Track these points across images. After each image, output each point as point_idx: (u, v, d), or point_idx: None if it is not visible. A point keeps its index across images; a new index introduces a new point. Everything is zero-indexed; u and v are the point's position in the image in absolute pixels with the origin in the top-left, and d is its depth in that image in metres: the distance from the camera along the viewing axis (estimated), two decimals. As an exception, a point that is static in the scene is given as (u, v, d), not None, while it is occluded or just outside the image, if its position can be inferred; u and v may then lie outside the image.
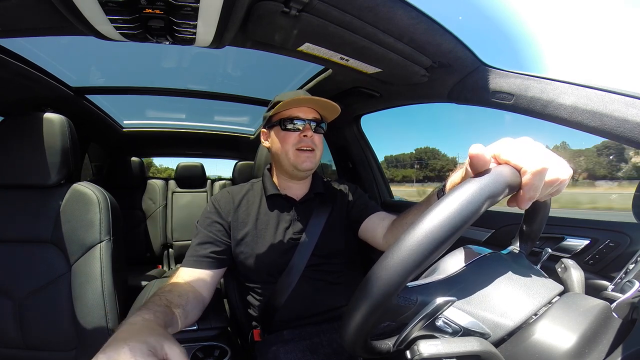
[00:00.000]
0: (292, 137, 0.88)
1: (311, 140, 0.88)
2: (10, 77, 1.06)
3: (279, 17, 0.70)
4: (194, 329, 0.77)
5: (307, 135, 0.88)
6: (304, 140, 0.88)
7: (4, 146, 0.89)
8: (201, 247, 0.85)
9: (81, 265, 0.87)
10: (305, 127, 0.88)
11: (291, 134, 0.88)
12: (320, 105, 0.89)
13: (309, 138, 0.88)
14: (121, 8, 0.63)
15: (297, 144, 0.88)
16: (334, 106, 0.88)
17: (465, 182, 0.34)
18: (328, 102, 0.87)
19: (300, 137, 0.88)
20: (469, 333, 0.37)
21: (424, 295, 0.39)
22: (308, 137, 0.88)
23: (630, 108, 0.62)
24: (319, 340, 0.85)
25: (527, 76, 0.80)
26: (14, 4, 0.65)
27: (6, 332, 0.86)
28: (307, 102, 0.88)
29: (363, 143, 1.61)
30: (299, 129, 0.88)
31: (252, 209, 0.93)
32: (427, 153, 37.57)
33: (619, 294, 0.39)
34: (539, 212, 0.47)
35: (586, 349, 0.32)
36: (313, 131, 0.89)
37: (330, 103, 0.87)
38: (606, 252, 0.71)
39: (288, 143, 0.88)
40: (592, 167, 8.29)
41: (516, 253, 0.48)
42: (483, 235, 1.00)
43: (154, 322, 0.51)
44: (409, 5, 0.69)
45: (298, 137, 0.88)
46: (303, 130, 0.88)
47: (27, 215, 0.90)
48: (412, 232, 0.33)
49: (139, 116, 2.27)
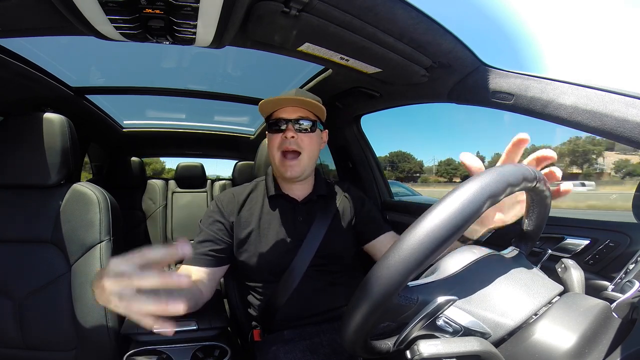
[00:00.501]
0: (276, 139, 0.87)
1: (295, 142, 0.86)
2: (10, 77, 1.06)
3: (279, 17, 0.70)
4: (194, 328, 0.77)
5: (287, 137, 0.86)
6: (285, 141, 0.86)
7: (4, 146, 0.89)
8: (201, 245, 0.85)
9: (81, 265, 0.87)
10: (287, 128, 0.86)
11: (276, 135, 0.88)
12: (302, 103, 0.87)
13: (289, 139, 0.86)
14: (121, 8, 0.63)
15: (280, 145, 0.87)
16: (315, 103, 0.86)
17: (466, 181, 0.34)
18: (306, 100, 0.85)
19: (282, 138, 0.86)
20: (470, 332, 0.37)
21: (425, 294, 0.39)
22: (288, 137, 0.86)
23: (630, 108, 0.62)
24: (319, 340, 0.85)
25: (527, 76, 0.80)
26: (14, 4, 0.65)
27: (6, 332, 0.86)
28: (286, 102, 0.86)
29: (363, 143, 1.61)
30: (282, 130, 0.87)
31: (255, 208, 0.93)
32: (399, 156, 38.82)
33: (619, 294, 0.38)
34: (538, 212, 0.47)
35: (586, 349, 0.32)
36: (298, 131, 0.87)
37: (309, 101, 0.85)
38: (606, 252, 0.71)
39: (273, 146, 0.88)
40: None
41: (516, 253, 0.49)
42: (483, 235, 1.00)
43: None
44: (409, 5, 0.69)
45: (281, 139, 0.87)
46: (285, 131, 0.86)
47: (27, 215, 0.90)
48: (414, 231, 0.33)
49: (139, 116, 2.27)
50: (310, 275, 0.89)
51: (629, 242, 0.69)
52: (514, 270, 0.42)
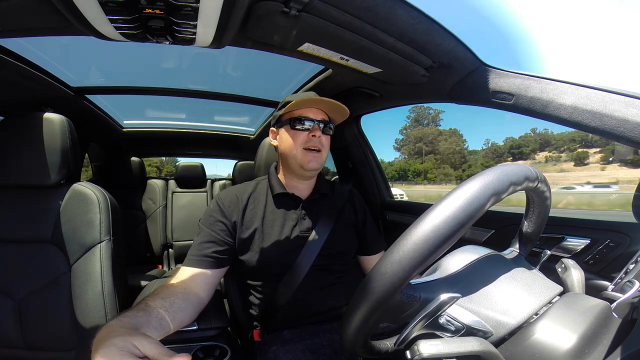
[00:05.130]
0: (301, 136, 0.90)
1: (319, 141, 0.90)
2: (10, 77, 1.06)
3: (279, 17, 0.70)
4: (194, 329, 0.77)
5: (316, 136, 0.90)
6: (312, 140, 0.90)
7: (4, 146, 0.89)
8: (203, 247, 0.85)
9: (81, 265, 0.87)
10: (314, 128, 0.90)
11: (300, 133, 0.90)
12: (330, 107, 0.91)
13: (317, 138, 0.90)
14: (121, 8, 0.63)
15: (305, 143, 0.90)
16: (344, 109, 0.90)
17: (470, 179, 0.34)
18: (338, 104, 0.89)
19: (309, 137, 0.90)
20: (472, 331, 0.37)
21: (427, 292, 0.39)
22: (316, 137, 0.90)
23: (630, 108, 0.62)
24: (319, 340, 0.85)
25: (527, 76, 0.80)
26: (14, 4, 0.65)
27: (6, 332, 0.86)
28: (317, 102, 0.90)
29: (363, 143, 1.61)
30: (308, 129, 0.90)
31: (258, 207, 0.93)
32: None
33: (619, 294, 0.38)
34: (539, 213, 0.47)
35: (586, 348, 0.32)
36: (321, 132, 0.91)
37: (340, 106, 0.89)
38: (606, 252, 0.71)
39: (297, 142, 0.90)
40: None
41: (515, 255, 0.49)
42: (483, 235, 1.01)
43: (118, 325, 0.53)
44: (409, 6, 0.69)
45: (307, 137, 0.90)
46: (312, 130, 0.90)
47: (27, 215, 0.90)
48: (418, 227, 0.33)
49: (139, 116, 2.27)
50: (313, 274, 0.89)
51: (629, 242, 0.69)
52: (515, 270, 0.42)
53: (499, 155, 40.35)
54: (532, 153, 39.56)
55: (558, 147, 44.66)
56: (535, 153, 39.35)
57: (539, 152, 41.46)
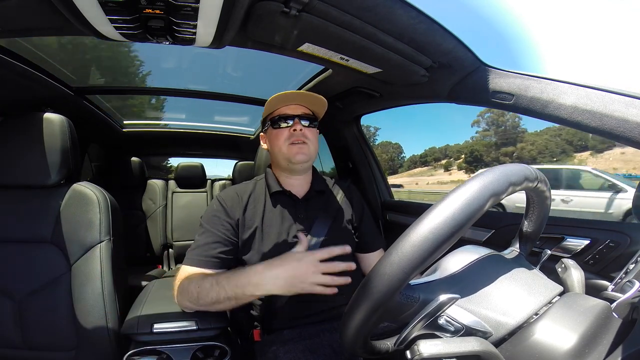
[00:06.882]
0: (284, 133, 0.92)
1: (302, 134, 0.92)
2: (10, 77, 1.06)
3: (279, 17, 0.70)
4: (194, 329, 0.77)
5: (297, 129, 0.91)
6: (294, 134, 0.91)
7: (4, 146, 0.89)
8: (209, 247, 0.84)
9: (81, 266, 0.87)
10: (294, 122, 0.92)
11: (283, 130, 0.93)
12: (304, 99, 0.93)
13: (299, 132, 0.91)
14: (121, 8, 0.63)
15: (289, 138, 0.92)
16: (320, 99, 0.93)
17: (469, 179, 0.34)
18: (312, 94, 0.92)
19: (291, 132, 0.92)
20: (471, 331, 0.37)
21: (427, 293, 0.39)
22: (297, 130, 0.91)
23: (630, 108, 0.62)
24: (319, 340, 0.85)
25: (527, 76, 0.80)
26: (14, 4, 0.65)
27: (6, 332, 0.86)
28: (293, 98, 0.93)
29: (363, 143, 1.61)
30: (289, 125, 0.92)
31: (258, 207, 0.93)
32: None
33: (619, 294, 0.38)
34: (538, 212, 0.47)
35: (586, 348, 0.32)
36: (303, 126, 0.93)
37: (314, 96, 0.92)
38: (606, 252, 0.71)
39: (281, 139, 0.92)
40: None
41: (515, 254, 0.49)
42: (483, 235, 1.00)
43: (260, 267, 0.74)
44: (409, 5, 0.69)
45: (289, 133, 0.92)
46: (293, 125, 0.92)
47: (27, 215, 0.90)
48: (417, 228, 0.32)
49: (139, 116, 2.27)
50: None
51: (629, 242, 0.69)
52: (514, 270, 0.42)
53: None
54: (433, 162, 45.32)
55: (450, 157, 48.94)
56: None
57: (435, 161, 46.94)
